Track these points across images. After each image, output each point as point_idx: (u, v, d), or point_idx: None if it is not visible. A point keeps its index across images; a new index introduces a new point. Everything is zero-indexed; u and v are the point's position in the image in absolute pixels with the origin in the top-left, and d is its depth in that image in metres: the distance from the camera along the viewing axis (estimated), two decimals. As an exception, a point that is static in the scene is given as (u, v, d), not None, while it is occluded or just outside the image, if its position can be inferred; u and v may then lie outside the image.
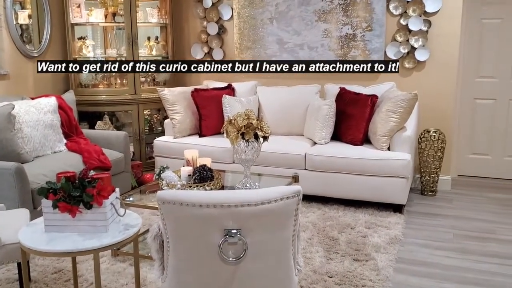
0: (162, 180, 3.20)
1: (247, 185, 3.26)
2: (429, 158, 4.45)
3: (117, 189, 2.19)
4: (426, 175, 4.51)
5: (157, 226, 1.76)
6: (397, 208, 4.01)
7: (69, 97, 4.26)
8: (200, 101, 4.56)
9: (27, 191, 3.10)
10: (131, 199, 3.17)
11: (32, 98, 3.97)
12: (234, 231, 1.58)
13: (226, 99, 4.54)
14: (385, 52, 4.66)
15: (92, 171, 2.16)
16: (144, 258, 3.06)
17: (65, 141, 3.97)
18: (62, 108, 4.05)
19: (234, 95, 4.78)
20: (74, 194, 2.00)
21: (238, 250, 1.61)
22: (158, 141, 4.61)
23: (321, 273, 2.93)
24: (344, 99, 4.37)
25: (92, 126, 4.88)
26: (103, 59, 4.96)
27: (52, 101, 3.92)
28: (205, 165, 3.25)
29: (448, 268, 3.03)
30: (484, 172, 5.11)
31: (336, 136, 4.35)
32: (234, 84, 4.89)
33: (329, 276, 2.90)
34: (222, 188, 3.31)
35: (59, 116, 3.95)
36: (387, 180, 3.91)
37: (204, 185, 3.13)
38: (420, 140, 4.51)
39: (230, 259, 1.60)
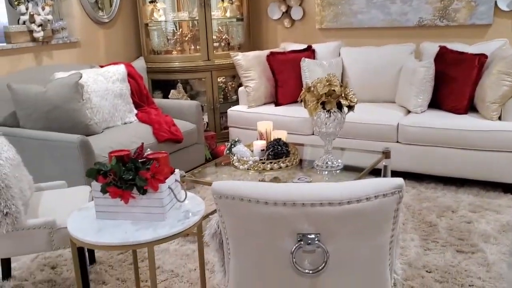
0: (233, 155, 2.88)
1: (328, 162, 2.84)
2: (549, 128, 3.72)
3: (176, 171, 1.89)
4: (543, 149, 3.79)
5: (216, 223, 1.43)
6: (507, 188, 3.38)
7: (139, 64, 4.05)
8: (276, 66, 4.15)
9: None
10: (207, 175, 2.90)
11: (101, 66, 3.79)
12: (311, 236, 1.20)
13: (305, 63, 4.09)
14: (495, 2, 3.91)
15: (149, 149, 1.87)
16: (214, 241, 2.79)
17: (135, 111, 3.77)
18: (131, 76, 3.84)
19: (314, 58, 4.31)
20: (126, 177, 1.72)
21: (316, 260, 1.22)
22: (232, 110, 4.29)
23: (418, 267, 2.48)
24: (445, 60, 3.74)
25: (166, 95, 4.68)
26: (175, 23, 4.68)
27: (121, 69, 3.72)
28: (279, 139, 2.87)
29: None
30: None
31: (435, 103, 3.76)
32: (314, 46, 4.40)
33: (427, 271, 2.44)
34: (300, 163, 2.92)
35: (128, 84, 3.75)
36: (496, 155, 3.29)
37: (279, 161, 2.76)
38: (537, 107, 3.77)
39: (306, 270, 1.22)
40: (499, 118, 3.42)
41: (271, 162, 2.76)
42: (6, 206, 1.96)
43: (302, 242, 1.20)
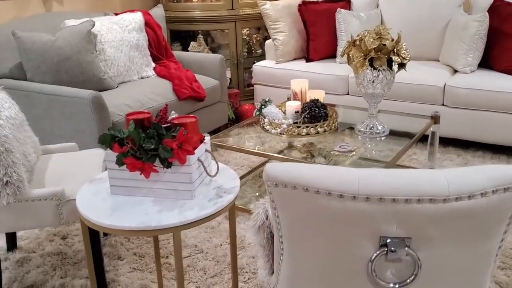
0: (264, 117, 2.56)
1: (371, 126, 2.51)
2: None
3: (207, 139, 1.57)
4: None
5: (264, 212, 1.12)
6: None
7: (158, 12, 3.66)
8: (308, 17, 3.74)
9: (107, 125, 2.62)
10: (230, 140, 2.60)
11: (116, 14, 3.43)
12: (400, 241, 0.89)
13: (341, 14, 3.67)
14: None
15: (173, 112, 1.55)
16: (241, 212, 2.52)
17: (153, 64, 3.43)
18: (149, 25, 3.47)
19: (350, 9, 3.88)
20: (147, 146, 1.42)
21: (402, 270, 0.92)
22: (258, 66, 3.92)
23: (473, 250, 2.18)
24: (500, 14, 3.30)
25: (185, 48, 4.31)
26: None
27: (137, 17, 3.35)
28: (317, 100, 2.54)
29: None
30: None
31: (486, 62, 3.35)
32: (351, -5, 3.96)
33: (484, 255, 2.14)
34: (337, 130, 2.59)
35: (146, 35, 3.39)
36: (558, 123, 2.92)
37: (316, 126, 2.43)
38: None
39: (391, 285, 0.92)
40: (562, 81, 3.03)
41: (307, 126, 2.44)
42: (7, 174, 1.68)
43: (386, 248, 0.90)
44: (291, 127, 2.45)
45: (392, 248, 0.90)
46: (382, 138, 2.47)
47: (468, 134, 3.21)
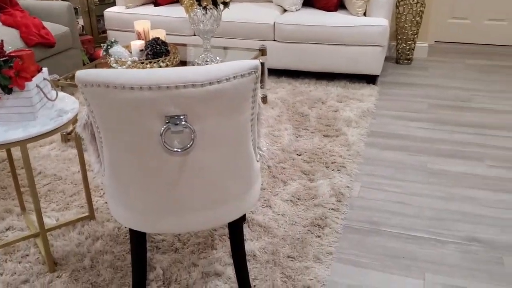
0: (110, 57, 2.82)
1: (207, 60, 2.91)
2: (407, 24, 4.11)
3: (44, 69, 1.84)
4: (402, 43, 4.20)
5: (86, 114, 1.46)
6: (370, 79, 3.76)
7: (-5, -40, 3.61)
8: (152, -37, 3.97)
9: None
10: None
11: (-51, -38, 3.34)
12: (178, 117, 1.29)
13: (182, -40, 3.95)
14: None
15: (10, 47, 1.78)
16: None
17: (-3, 14, 3.44)
18: (-13, -26, 3.44)
19: (191, -44, 4.16)
20: (-13, 76, 1.65)
21: (184, 139, 1.34)
22: (109, 12, 4.08)
23: (289, 151, 2.75)
24: (317, -43, 3.85)
25: (32, -3, 4.28)
26: None
27: (-27, -34, 3.31)
28: (158, 38, 2.86)
29: (422, 140, 2.89)
30: (462, 37, 4.82)
31: (308, 1, 3.92)
32: None
33: (297, 154, 2.72)
34: (183, 64, 2.96)
35: (-16, -16, 3.37)
36: (361, 49, 3.60)
37: (158, 61, 2.77)
38: (398, 4, 4.12)
39: (175, 149, 1.33)
40: (364, 14, 3.69)
41: (150, 62, 2.76)
42: None
43: (170, 124, 1.30)
44: (135, 63, 2.75)
45: (173, 123, 1.30)
46: (216, 68, 2.89)
47: (296, 65, 3.78)
